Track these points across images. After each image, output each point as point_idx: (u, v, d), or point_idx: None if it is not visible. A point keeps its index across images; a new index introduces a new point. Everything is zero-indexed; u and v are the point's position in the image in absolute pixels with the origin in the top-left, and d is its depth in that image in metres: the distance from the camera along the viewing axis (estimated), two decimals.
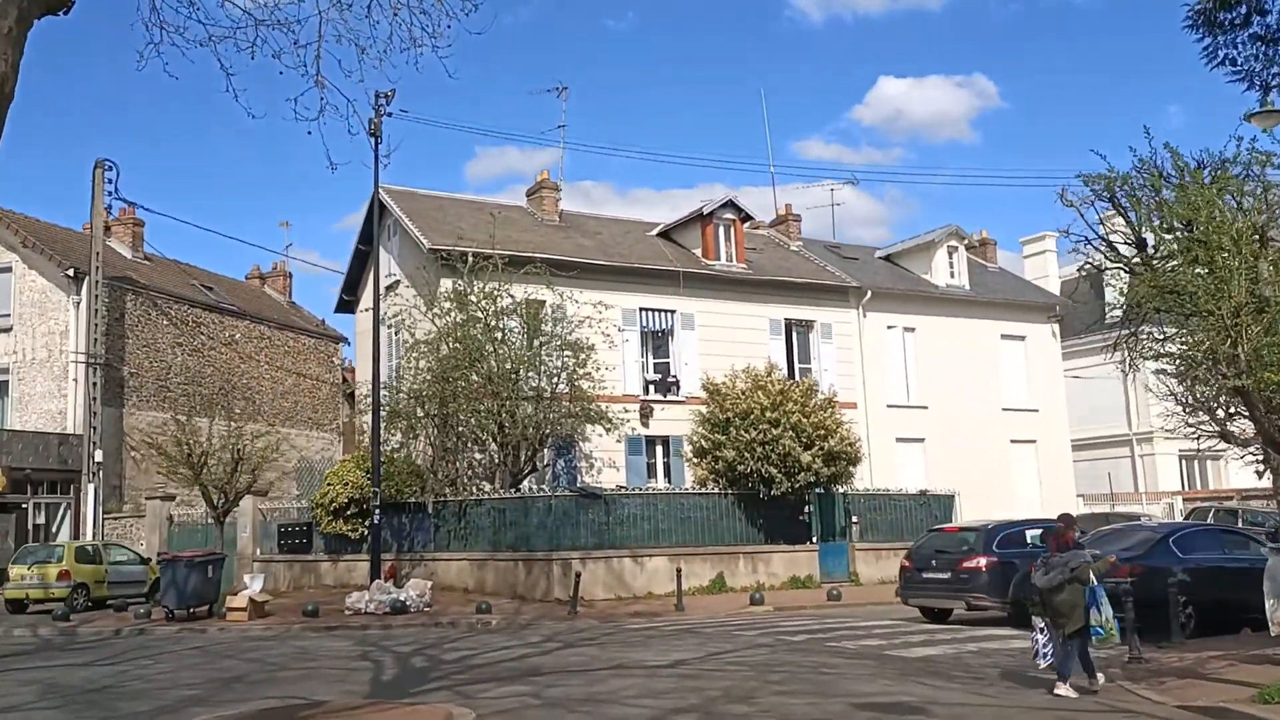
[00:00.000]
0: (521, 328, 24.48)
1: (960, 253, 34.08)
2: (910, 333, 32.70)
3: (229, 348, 35.75)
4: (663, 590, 22.66)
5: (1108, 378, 40.38)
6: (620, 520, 22.93)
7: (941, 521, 27.38)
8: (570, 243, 28.44)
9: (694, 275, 28.91)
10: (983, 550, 16.25)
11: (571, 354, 24.48)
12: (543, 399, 24.16)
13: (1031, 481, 33.88)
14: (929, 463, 31.85)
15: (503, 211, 29.41)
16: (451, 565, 23.89)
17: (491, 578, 23.05)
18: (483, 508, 23.49)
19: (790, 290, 30.50)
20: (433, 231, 26.12)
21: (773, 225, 35.17)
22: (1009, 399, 33.96)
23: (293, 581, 26.73)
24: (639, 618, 19.91)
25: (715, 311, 29.18)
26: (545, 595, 21.86)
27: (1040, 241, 43.11)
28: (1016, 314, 34.68)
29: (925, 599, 16.83)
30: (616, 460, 26.95)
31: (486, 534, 23.40)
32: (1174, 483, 39.85)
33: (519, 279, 24.57)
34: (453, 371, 23.96)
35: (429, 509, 24.30)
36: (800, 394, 24.95)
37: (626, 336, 27.50)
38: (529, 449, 24.36)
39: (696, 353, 28.55)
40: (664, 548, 23.19)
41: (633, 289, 28.09)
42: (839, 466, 24.57)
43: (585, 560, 22.07)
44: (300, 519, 27.15)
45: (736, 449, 23.96)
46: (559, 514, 22.22)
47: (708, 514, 24.04)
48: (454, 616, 19.94)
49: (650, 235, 31.05)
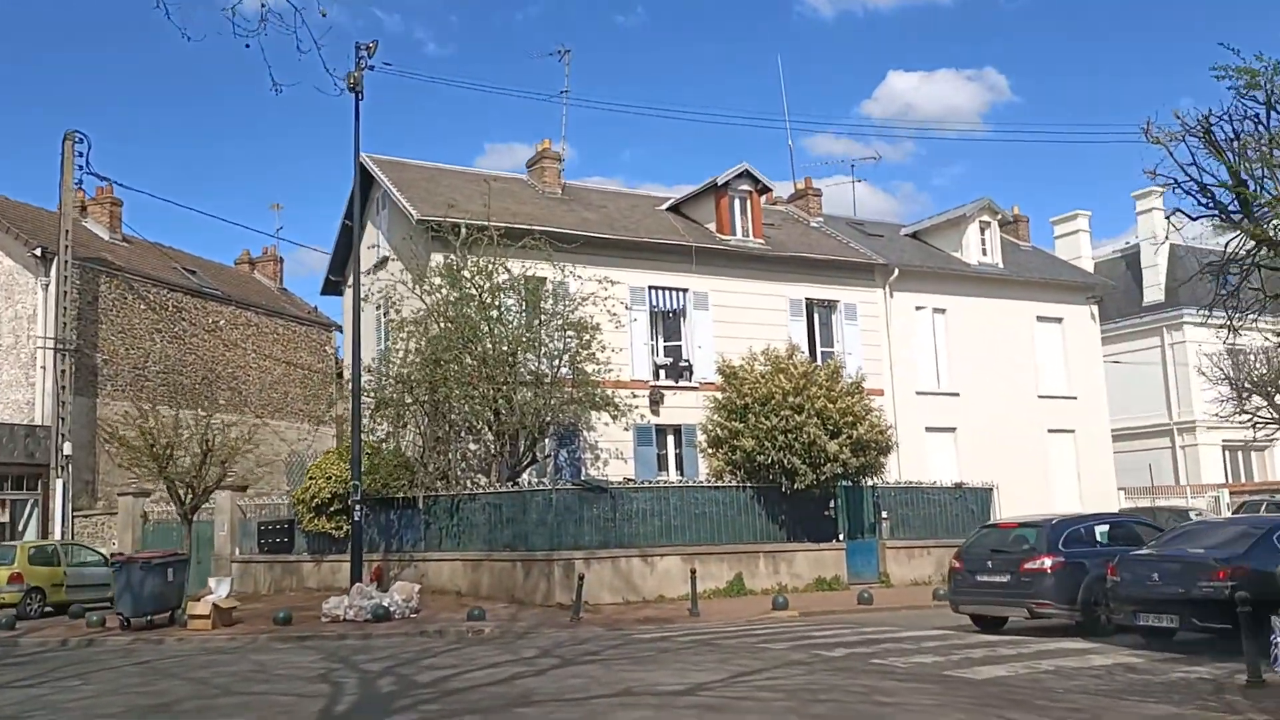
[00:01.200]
0: (519, 306, 22.32)
1: (993, 229, 31.77)
2: (940, 314, 30.42)
3: (212, 334, 33.68)
4: (675, 593, 20.51)
5: (1147, 363, 38.16)
6: (628, 516, 20.76)
7: (979, 517, 25.20)
8: (573, 216, 26.26)
9: (707, 251, 26.70)
10: (1047, 549, 14.01)
11: (574, 334, 22.30)
12: (543, 384, 22.00)
13: (1070, 473, 31.61)
14: (961, 454, 29.62)
15: (500, 183, 27.26)
16: (443, 566, 21.74)
17: (487, 580, 20.90)
18: (477, 503, 21.34)
19: (811, 268, 28.27)
20: (422, 202, 23.97)
21: (791, 201, 32.92)
22: (1046, 385, 31.67)
23: (273, 584, 24.65)
24: (649, 625, 17.77)
25: (731, 290, 26.95)
26: (545, 599, 19.70)
27: (1072, 221, 40.79)
28: (1053, 294, 32.36)
29: (980, 605, 14.59)
30: (624, 451, 24.77)
31: (481, 532, 21.25)
32: (1217, 474, 37.55)
33: (517, 254, 22.40)
34: (444, 353, 21.81)
35: (419, 505, 22.17)
36: (825, 377, 22.72)
37: (635, 316, 25.29)
38: (528, 439, 22.20)
39: (710, 335, 26.34)
40: (676, 546, 21.03)
41: (641, 265, 25.89)
42: (868, 457, 22.34)
43: (589, 560, 19.92)
44: (282, 516, 25.04)
45: (756, 438, 21.77)
46: (560, 509, 20.06)
47: (724, 509, 21.85)
48: (442, 624, 17.80)
49: (660, 210, 28.84)
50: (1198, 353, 37.68)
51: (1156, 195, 39.39)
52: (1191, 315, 38.02)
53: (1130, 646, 12.82)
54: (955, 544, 24.72)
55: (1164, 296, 38.78)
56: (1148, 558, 12.80)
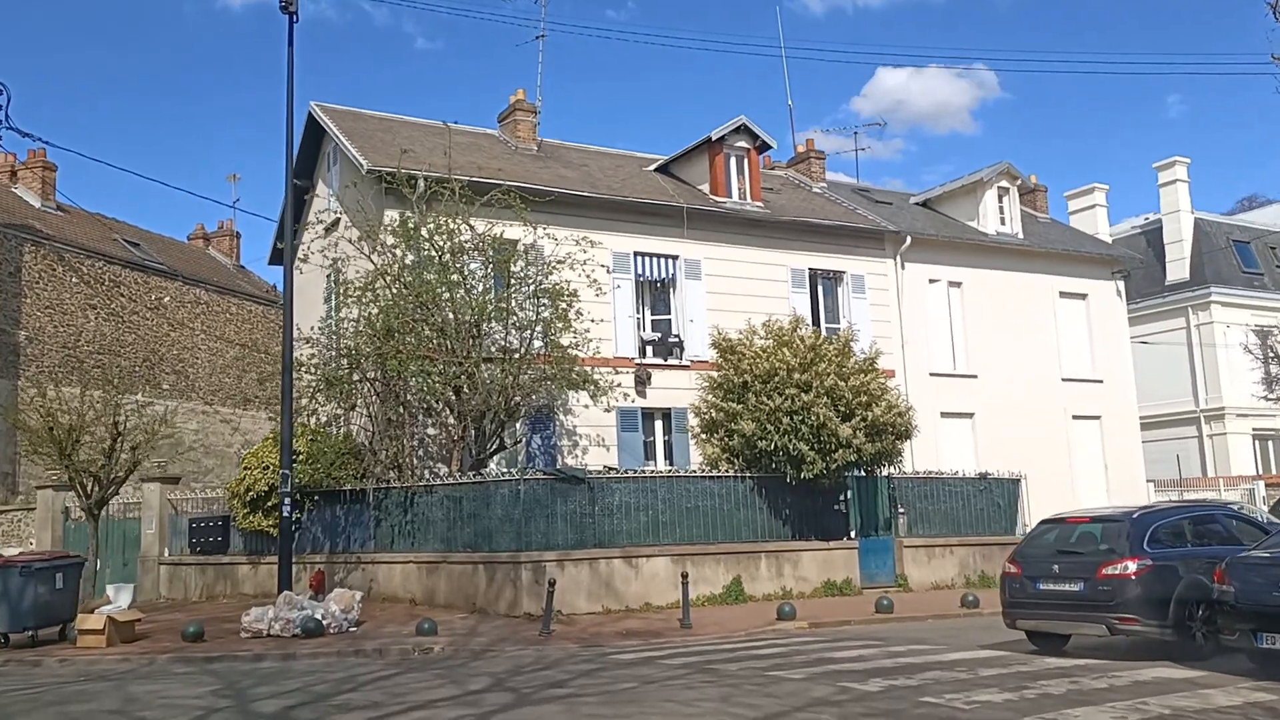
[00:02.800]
0: (485, 270, 19.38)
1: (1012, 195, 28.93)
2: (956, 288, 27.58)
3: (156, 312, 30.63)
4: (663, 600, 17.65)
5: (1172, 343, 35.43)
6: (609, 511, 17.87)
7: (1006, 512, 22.44)
8: (549, 173, 23.31)
9: (700, 214, 23.77)
10: (1130, 550, 11.16)
11: (548, 302, 19.38)
12: (512, 359, 19.08)
13: (1096, 464, 28.82)
14: (979, 442, 26.81)
15: (467, 137, 24.29)
16: (395, 570, 18.80)
17: (444, 585, 17.98)
18: (434, 496, 18.41)
19: (815, 234, 25.38)
20: (375, 152, 20.98)
21: (791, 165, 30.02)
22: (1069, 368, 28.87)
23: (205, 589, 21.69)
24: (632, 639, 14.92)
25: (726, 258, 24.05)
26: (511, 608, 16.80)
27: (1088, 195, 37.92)
28: (1076, 268, 29.55)
29: (1046, 620, 11.70)
30: (606, 437, 21.89)
31: (439, 529, 18.33)
32: (1247, 466, 34.84)
33: (484, 213, 19.44)
34: (396, 323, 18.87)
35: (368, 499, 19.24)
36: (835, 351, 19.86)
37: (618, 283, 22.37)
38: (494, 422, 19.28)
39: (703, 308, 23.43)
40: (665, 546, 18.17)
41: (626, 229, 22.96)
42: (885, 442, 19.49)
43: (563, 563, 17.02)
44: (216, 513, 22.10)
45: (756, 420, 18.91)
46: (530, 503, 17.14)
47: (720, 502, 18.98)
48: (385, 640, 14.88)
49: (648, 171, 25.91)
50: (1225, 333, 35.03)
51: (1181, 165, 36.78)
52: (1220, 293, 35.34)
53: (1244, 674, 10.01)
54: (980, 542, 22.13)
55: (1189, 274, 36.04)
56: (1268, 562, 9.96)
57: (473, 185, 19.76)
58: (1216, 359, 34.75)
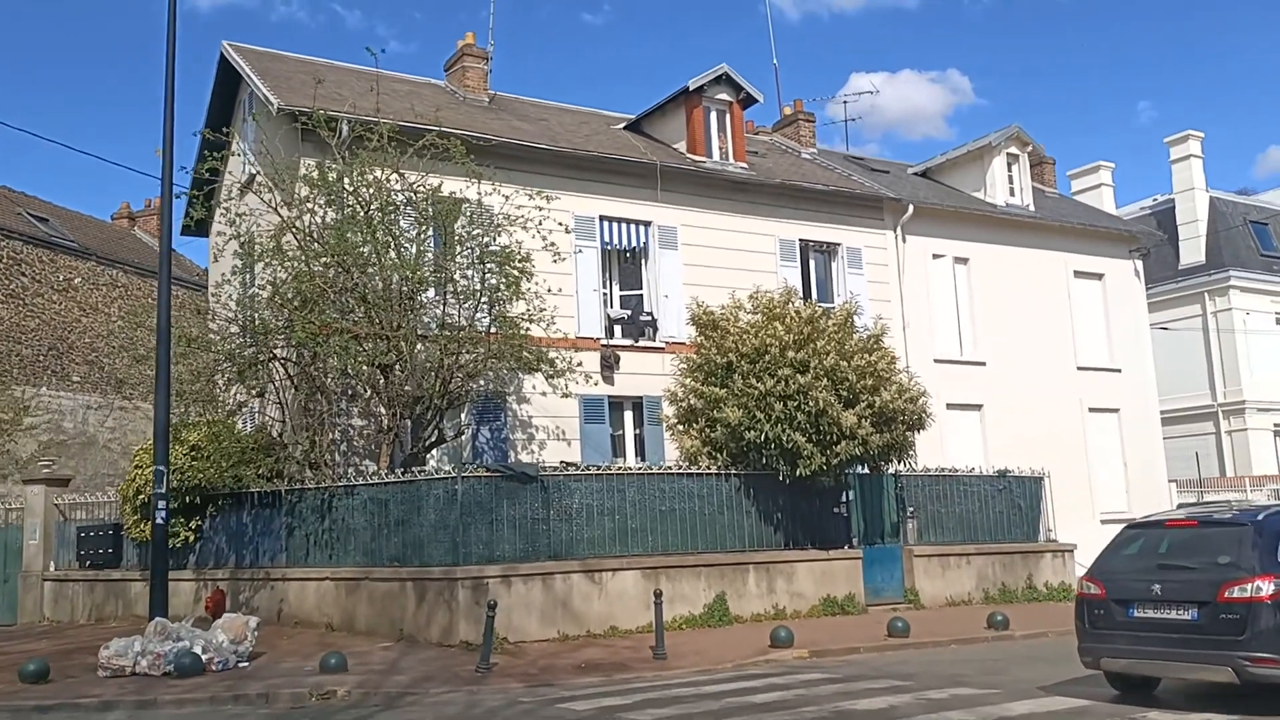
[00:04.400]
0: (420, 230, 16.24)
1: (1022, 163, 26.06)
2: (962, 265, 24.66)
3: (65, 295, 27.22)
4: (632, 623, 14.65)
5: (1189, 329, 32.74)
6: (566, 515, 14.79)
7: (1028, 515, 19.56)
8: (500, 123, 20.18)
9: (676, 173, 20.72)
10: (1261, 564, 8.19)
11: (495, 267, 16.27)
12: (455, 335, 15.96)
13: (1114, 461, 25.97)
14: (988, 436, 23.92)
15: (407, 86, 21.12)
16: (309, 588, 15.62)
17: (365, 607, 14.81)
18: (356, 499, 15.24)
19: (807, 201, 22.39)
20: (292, 93, 17.77)
21: (778, 128, 27.02)
22: (1085, 355, 26.01)
23: (94, 610, 18.43)
24: (592, 675, 11.91)
25: (705, 226, 21.01)
26: (445, 636, 13.66)
27: (1094, 174, 35.29)
28: (1092, 245, 26.71)
29: (1144, 659, 8.66)
30: (567, 430, 18.80)
31: (361, 539, 15.16)
32: (1269, 464, 32.13)
33: (421, 166, 16.29)
34: (312, 291, 15.71)
35: (280, 502, 16.07)
36: (836, 326, 16.88)
37: (580, 248, 19.26)
38: (431, 410, 16.14)
39: (679, 282, 20.37)
40: (634, 557, 15.12)
41: (590, 189, 19.87)
42: (895, 433, 16.53)
43: (509, 579, 13.92)
44: (110, 519, 18.83)
45: (743, 407, 15.91)
46: (469, 506, 14.02)
47: (701, 505, 15.94)
48: (278, 681, 11.73)
49: (616, 129, 22.83)
50: (1245, 320, 32.35)
51: (1194, 140, 34.11)
52: (1239, 276, 32.65)
53: None
54: (1000, 550, 19.10)
55: (1204, 257, 33.31)
56: None
57: (407, 131, 16.63)
58: (1235, 348, 32.04)
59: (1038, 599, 18.79)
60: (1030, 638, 14.97)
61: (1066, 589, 19.28)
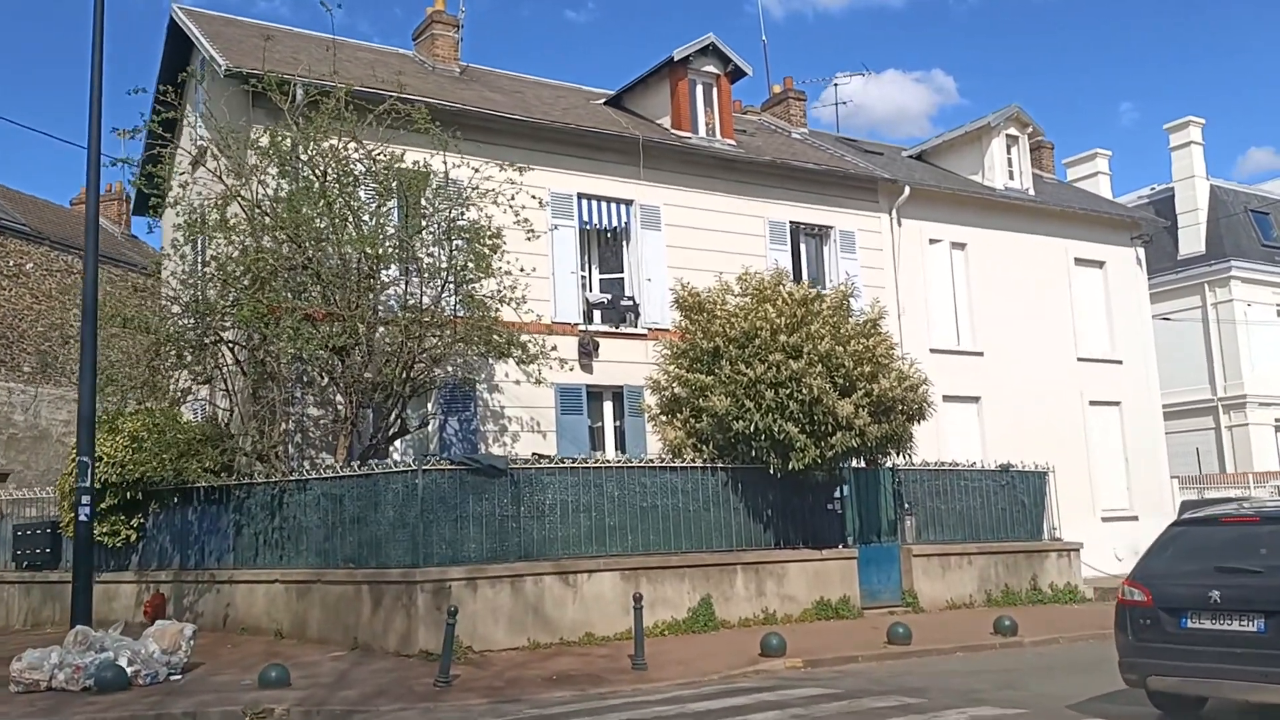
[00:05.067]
0: (379, 202, 14.95)
1: (1022, 145, 24.95)
2: (960, 250, 23.53)
3: (14, 281, 25.80)
4: (609, 629, 13.45)
5: (1189, 319, 31.74)
6: (538, 512, 13.55)
7: (1032, 511, 18.43)
8: (471, 93, 18.91)
9: (660, 149, 19.50)
10: None
11: (463, 244, 15.01)
12: (417, 317, 14.69)
13: (1115, 457, 24.91)
14: (986, 430, 22.82)
15: (372, 54, 19.80)
16: (257, 591, 14.32)
17: (318, 612, 13.53)
18: (308, 494, 13.95)
19: (797, 181, 21.21)
20: (243, 56, 16.44)
21: (767, 108, 25.83)
22: (1086, 346, 24.93)
23: (30, 614, 17.13)
24: (564, 688, 10.74)
25: (691, 206, 19.79)
26: (403, 644, 12.41)
27: (1090, 162, 34.21)
28: (1093, 231, 25.65)
29: (1202, 677, 7.46)
30: (542, 421, 17.57)
31: (314, 538, 13.89)
32: (1269, 460, 31.17)
33: (385, 137, 15.01)
34: (266, 272, 14.42)
35: (228, 498, 14.79)
36: (831, 309, 15.70)
37: (556, 224, 18.01)
38: (394, 399, 14.87)
39: (663, 264, 19.15)
40: (612, 557, 13.91)
41: (568, 164, 18.63)
42: (894, 423, 15.34)
43: (475, 581, 12.69)
44: (48, 516, 17.51)
45: (731, 395, 14.71)
46: (431, 502, 12.76)
47: (685, 501, 14.73)
48: (209, 698, 10.46)
49: (596, 104, 21.59)
50: (1246, 312, 31.37)
51: (1195, 126, 33.11)
52: (1241, 267, 31.67)
53: None
54: (1003, 550, 17.86)
55: (1205, 247, 32.30)
56: None
57: (368, 97, 15.34)
58: (1237, 341, 31.06)
59: (1042, 601, 17.67)
60: (1041, 644, 13.85)
61: (1073, 590, 18.18)
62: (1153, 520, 24.96)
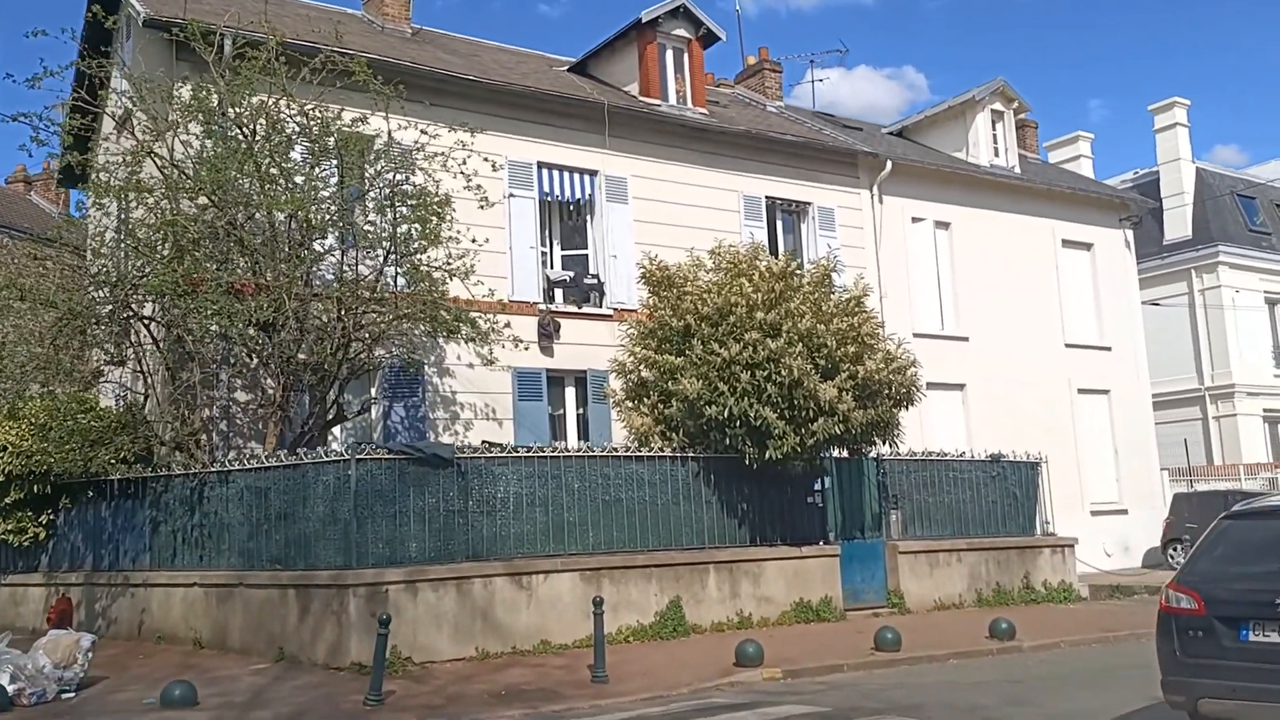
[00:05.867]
0: (313, 164, 13.49)
1: (1007, 121, 23.79)
2: (943, 230, 22.35)
3: None
4: (568, 636, 12.13)
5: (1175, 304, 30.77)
6: (489, 507, 12.18)
7: (1024, 504, 17.29)
8: (423, 54, 17.45)
9: (627, 116, 18.14)
10: None
11: (408, 211, 13.57)
12: (353, 290, 13.26)
13: (1104, 447, 23.85)
14: (971, 418, 21.68)
15: (314, 11, 18.27)
16: (175, 595, 12.85)
17: (240, 619, 12.09)
18: (231, 488, 12.49)
19: (774, 154, 19.93)
20: (167, 6, 14.87)
21: (741, 80, 24.51)
22: (1074, 332, 23.84)
23: None
24: (514, 705, 9.45)
25: (660, 178, 18.46)
26: (333, 656, 10.99)
27: (1071, 145, 33.14)
28: (1080, 212, 24.56)
29: (1265, 700, 6.17)
30: (498, 408, 16.19)
31: (237, 536, 12.43)
32: (1258, 452, 30.27)
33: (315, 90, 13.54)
34: (187, 240, 12.94)
35: (144, 492, 13.30)
36: (812, 284, 14.42)
37: (513, 193, 16.61)
38: (329, 382, 13.43)
39: (630, 240, 17.80)
40: (572, 556, 12.56)
41: (527, 131, 17.24)
42: (881, 408, 14.09)
43: (415, 584, 11.31)
44: None
45: (703, 377, 13.39)
46: (367, 496, 11.36)
47: (653, 493, 13.40)
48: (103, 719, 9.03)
49: (559, 71, 20.18)
50: (1234, 299, 30.42)
51: (1180, 107, 32.12)
52: (1228, 252, 30.71)
53: None
54: (994, 546, 16.50)
55: (1191, 231, 31.33)
56: None
57: (305, 51, 13.88)
58: (1225, 329, 30.11)
59: (1036, 601, 16.50)
60: (1041, 650, 12.65)
61: (1067, 589, 17.01)
62: (1142, 514, 23.97)
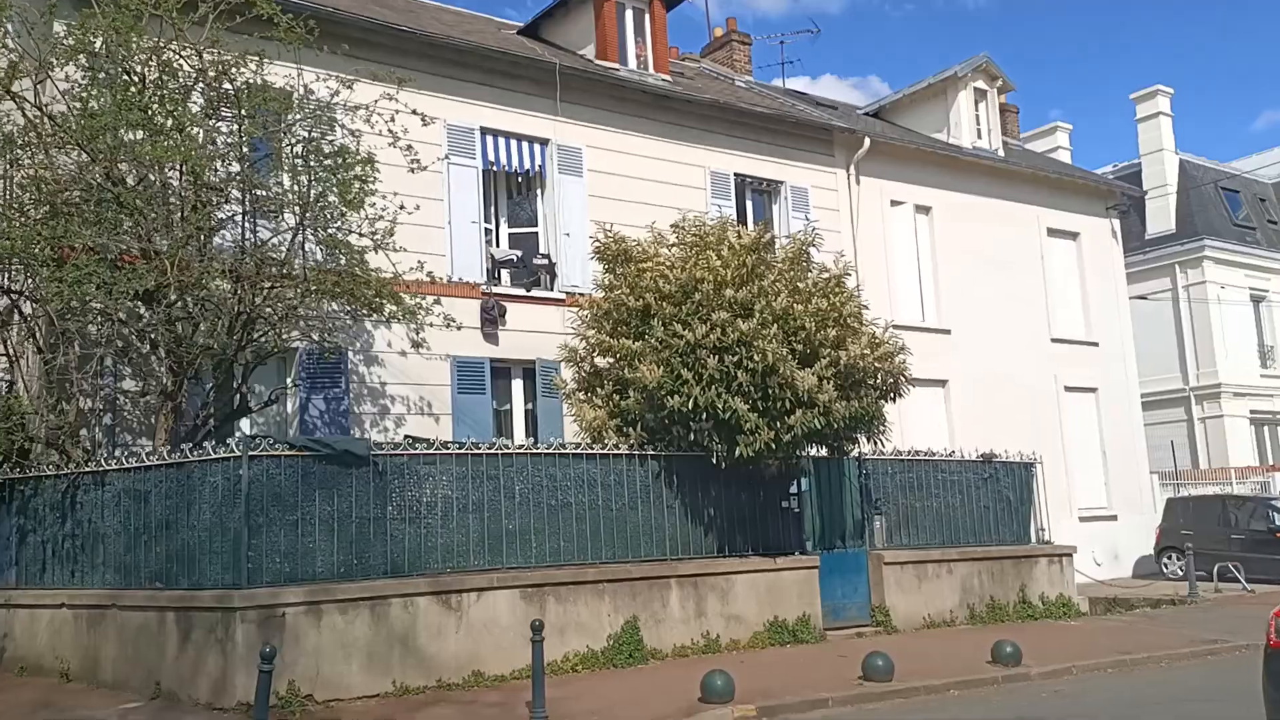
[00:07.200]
0: (209, 116, 11.60)
1: (991, 101, 22.33)
2: (924, 215, 20.79)
3: None
4: (505, 665, 10.33)
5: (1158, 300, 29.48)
6: (413, 512, 10.36)
7: (1018, 509, 15.67)
8: (353, 3, 15.57)
9: (582, 80, 16.39)
10: None
11: (326, 172, 11.70)
12: (255, 261, 11.38)
13: (1092, 448, 22.42)
14: (953, 416, 20.14)
15: None
16: (42, 617, 10.91)
17: (113, 648, 10.16)
18: (107, 491, 10.59)
19: (743, 128, 18.27)
20: None
21: (708, 53, 22.87)
22: (1060, 326, 22.40)
23: None
24: None
25: (619, 149, 16.73)
26: (217, 694, 9.10)
27: (1050, 136, 31.88)
28: (1066, 199, 23.15)
29: None
30: (435, 401, 14.35)
31: (113, 547, 10.52)
32: (1245, 454, 29.01)
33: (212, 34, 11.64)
34: (65, 205, 11.02)
35: (11, 496, 11.33)
36: (788, 258, 12.75)
37: (452, 158, 14.76)
38: (222, 369, 11.53)
39: (584, 217, 16.03)
40: (511, 571, 10.78)
41: (468, 93, 15.44)
42: (865, 400, 12.42)
43: (319, 606, 9.46)
44: None
45: (665, 363, 11.67)
46: (262, 500, 9.50)
47: (607, 497, 11.64)
48: None
49: (508, 33, 18.39)
50: (1220, 295, 29.19)
51: (1163, 96, 30.89)
52: (1214, 246, 29.49)
53: None
54: (987, 555, 14.60)
55: (1175, 225, 30.08)
56: None
57: None
58: (1210, 326, 28.86)
59: (1034, 616, 14.92)
60: (1052, 677, 11.04)
61: (1066, 603, 15.43)
62: (1132, 520, 22.52)
